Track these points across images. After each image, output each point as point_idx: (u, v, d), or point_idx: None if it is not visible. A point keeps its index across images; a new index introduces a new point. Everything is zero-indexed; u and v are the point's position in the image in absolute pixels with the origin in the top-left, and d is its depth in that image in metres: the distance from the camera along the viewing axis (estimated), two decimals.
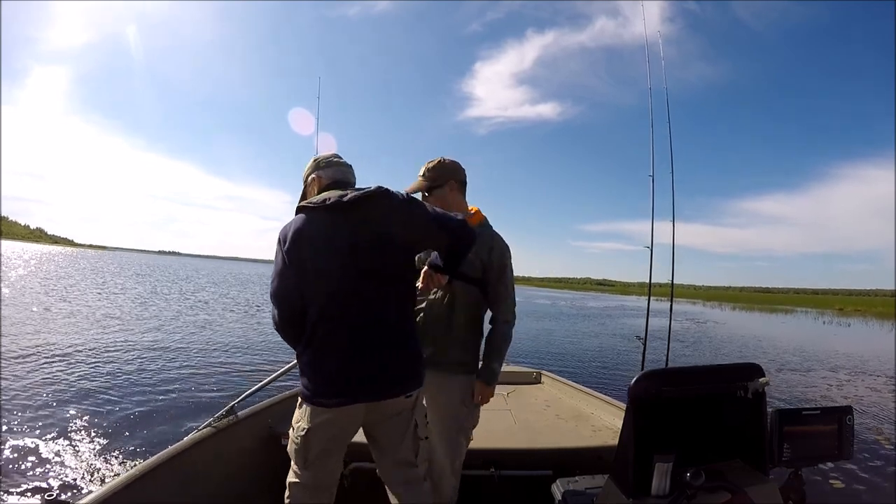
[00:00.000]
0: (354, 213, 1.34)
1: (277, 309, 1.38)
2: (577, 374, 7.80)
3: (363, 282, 1.35)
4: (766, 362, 9.68)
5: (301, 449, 1.37)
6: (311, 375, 1.36)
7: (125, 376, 5.61)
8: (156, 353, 7.04)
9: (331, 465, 1.42)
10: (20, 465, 3.15)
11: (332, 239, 1.33)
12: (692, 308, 42.14)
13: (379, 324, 1.36)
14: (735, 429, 1.20)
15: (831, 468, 3.78)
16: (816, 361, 11.46)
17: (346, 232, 1.33)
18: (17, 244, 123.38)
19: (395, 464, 1.47)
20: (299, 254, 1.33)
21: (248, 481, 2.00)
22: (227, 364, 6.61)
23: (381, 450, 1.48)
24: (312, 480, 1.39)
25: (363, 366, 1.34)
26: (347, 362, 1.33)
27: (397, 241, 1.39)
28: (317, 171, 1.49)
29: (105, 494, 1.36)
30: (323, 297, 1.34)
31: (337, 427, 1.37)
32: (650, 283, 3.79)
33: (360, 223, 1.34)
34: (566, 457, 2.15)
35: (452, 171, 1.79)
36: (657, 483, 1.05)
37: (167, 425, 4.10)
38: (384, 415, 1.42)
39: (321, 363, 1.35)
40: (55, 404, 4.38)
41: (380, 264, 1.36)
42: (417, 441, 1.48)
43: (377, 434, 1.47)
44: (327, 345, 1.34)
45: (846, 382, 8.65)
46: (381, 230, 1.35)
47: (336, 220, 1.34)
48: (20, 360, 5.89)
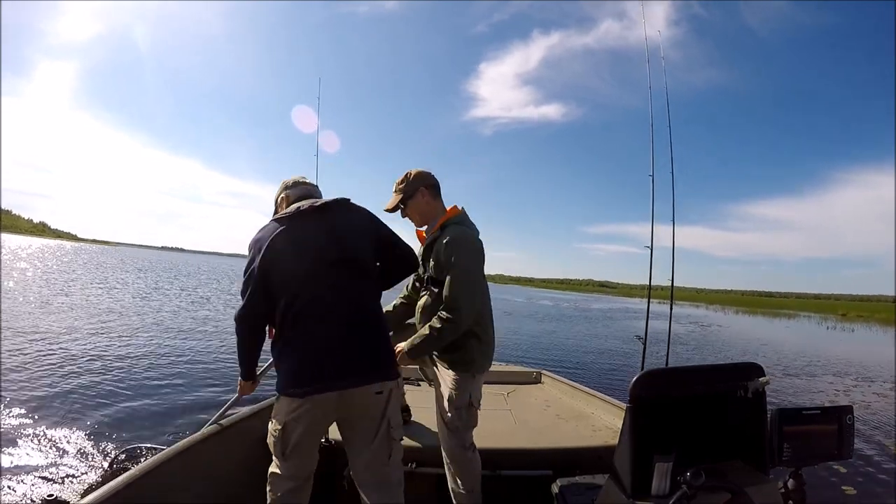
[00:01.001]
0: (322, 215, 1.52)
1: (247, 307, 1.47)
2: (578, 374, 7.80)
3: (331, 278, 1.45)
4: (770, 365, 9.68)
5: (279, 441, 1.44)
6: (283, 368, 1.44)
7: (125, 374, 5.61)
8: (156, 351, 7.05)
9: (307, 456, 1.49)
10: (20, 466, 3.14)
11: (303, 240, 1.47)
12: (695, 311, 42.05)
13: (346, 316, 1.44)
14: (735, 428, 1.20)
15: (831, 468, 3.78)
16: (820, 366, 11.42)
17: (315, 233, 1.48)
18: (19, 238, 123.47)
19: (367, 464, 1.48)
20: (272, 254, 1.44)
21: (247, 482, 2.01)
22: (227, 362, 6.63)
23: (354, 449, 1.50)
24: (291, 471, 1.47)
25: (330, 355, 1.40)
26: (315, 353, 1.41)
27: (361, 242, 1.54)
28: (285, 191, 1.65)
29: (105, 494, 1.35)
30: (292, 293, 1.43)
31: (310, 418, 1.42)
32: (650, 283, 3.80)
33: (327, 224, 1.51)
34: (566, 457, 2.14)
35: (420, 179, 1.89)
36: (657, 483, 1.05)
37: (168, 424, 4.10)
38: (356, 411, 1.45)
39: (291, 355, 1.43)
40: (56, 403, 4.36)
41: (346, 261, 1.48)
42: (390, 442, 1.48)
43: (350, 432, 1.49)
44: (297, 337, 1.42)
45: (853, 388, 8.60)
46: (346, 231, 1.52)
47: (305, 224, 1.50)
48: (18, 356, 5.90)
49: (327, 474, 1.94)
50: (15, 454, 3.28)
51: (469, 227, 1.87)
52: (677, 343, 14.29)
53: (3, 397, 4.31)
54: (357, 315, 1.46)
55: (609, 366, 9.37)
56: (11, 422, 3.84)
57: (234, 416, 2.07)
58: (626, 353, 11.07)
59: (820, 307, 71.79)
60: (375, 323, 1.52)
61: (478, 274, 1.79)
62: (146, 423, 4.07)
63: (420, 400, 2.60)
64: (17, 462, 3.18)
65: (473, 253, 1.78)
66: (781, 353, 13.69)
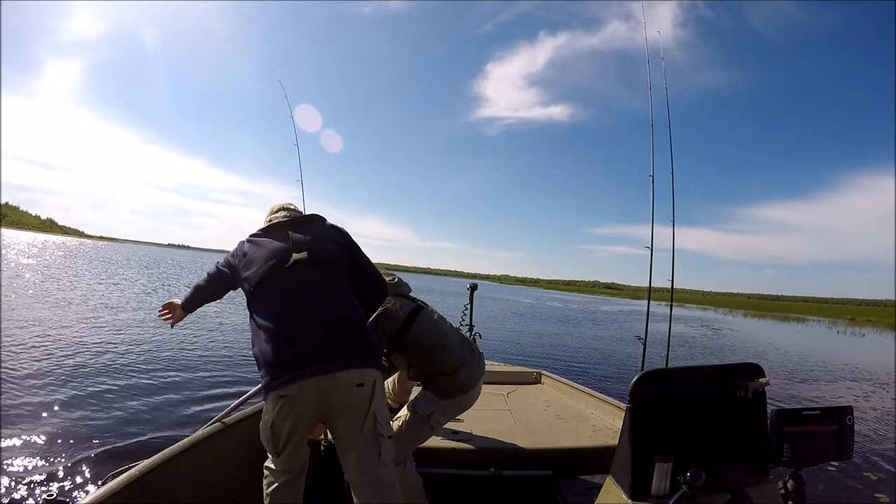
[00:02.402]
0: (296, 226, 1.68)
1: (221, 264, 1.71)
2: (578, 374, 7.79)
3: (303, 276, 1.55)
4: (790, 370, 9.59)
5: (270, 440, 1.51)
6: (263, 368, 1.47)
7: (128, 372, 5.63)
8: (161, 349, 7.04)
9: (297, 449, 1.55)
10: (20, 465, 3.13)
11: (274, 245, 1.60)
12: (704, 314, 41.56)
13: (320, 311, 1.51)
14: (735, 429, 1.19)
15: (831, 468, 3.77)
16: (836, 370, 11.32)
17: (286, 239, 1.61)
18: (27, 234, 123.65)
19: (358, 463, 1.46)
20: (246, 254, 1.61)
21: (250, 479, 2.01)
22: (232, 360, 6.60)
23: (342, 448, 1.49)
24: (285, 465, 1.56)
25: (303, 346, 1.44)
26: (290, 345, 1.45)
27: (333, 247, 1.66)
28: (271, 215, 1.80)
29: (105, 494, 1.35)
30: (265, 292, 1.53)
31: (295, 412, 1.46)
32: (650, 283, 3.82)
33: (301, 231, 1.65)
34: (566, 457, 2.14)
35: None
36: (657, 483, 1.05)
37: (170, 422, 4.11)
38: (338, 404, 1.45)
39: (267, 353, 1.46)
40: (56, 403, 4.36)
41: (319, 263, 1.59)
42: (378, 438, 1.47)
43: (336, 430, 1.50)
44: (271, 335, 1.47)
45: (871, 394, 8.52)
46: (318, 237, 1.66)
47: (279, 233, 1.65)
48: (20, 353, 5.91)
49: (327, 475, 1.94)
50: (15, 454, 3.27)
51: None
52: (690, 346, 14.28)
53: (3, 396, 4.32)
54: (332, 309, 1.51)
55: (609, 366, 9.36)
56: (11, 422, 3.83)
57: (237, 414, 2.08)
58: (625, 352, 11.07)
59: (828, 311, 71.20)
60: (352, 316, 1.55)
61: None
62: (147, 422, 4.07)
63: None
64: (17, 462, 3.17)
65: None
66: (800, 357, 13.58)
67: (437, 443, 2.16)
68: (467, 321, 3.56)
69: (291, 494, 1.59)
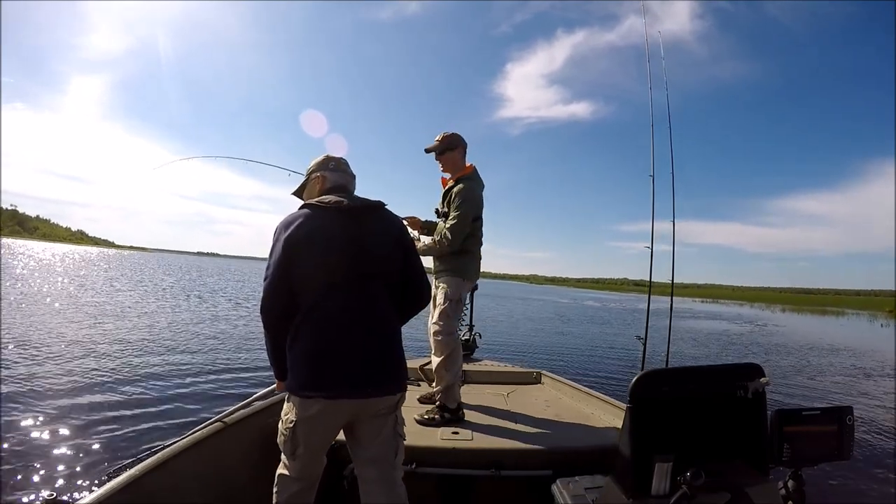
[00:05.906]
0: (362, 219, 1.49)
1: (272, 298, 1.43)
2: (578, 373, 7.78)
3: (361, 282, 1.44)
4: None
5: (289, 441, 1.42)
6: (299, 368, 1.40)
7: (127, 372, 5.64)
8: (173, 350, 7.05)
9: (316, 458, 1.48)
10: (20, 465, 3.13)
11: (340, 238, 1.43)
12: (741, 310, 39.37)
13: (370, 325, 1.43)
14: (735, 429, 1.19)
15: (832, 468, 3.77)
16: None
17: (354, 234, 1.45)
18: (60, 246, 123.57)
19: (371, 460, 1.47)
20: (305, 246, 1.40)
21: (254, 477, 2.01)
22: (243, 360, 6.59)
23: (359, 444, 1.49)
24: (299, 472, 1.46)
25: (350, 364, 1.38)
26: (335, 358, 1.38)
27: (392, 252, 1.52)
28: (322, 171, 1.60)
29: (105, 494, 1.35)
30: (319, 291, 1.40)
31: (322, 421, 1.40)
32: (650, 282, 3.86)
33: (366, 229, 1.48)
34: (566, 457, 2.14)
35: (461, 140, 2.57)
36: (657, 483, 1.05)
37: (171, 421, 4.11)
38: (368, 413, 1.44)
39: (309, 356, 1.39)
40: (57, 403, 4.36)
41: (378, 269, 1.48)
42: (397, 438, 1.49)
43: (357, 429, 1.48)
44: (317, 340, 1.39)
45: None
46: (377, 241, 1.49)
47: (345, 222, 1.45)
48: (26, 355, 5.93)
49: (328, 474, 1.94)
50: (14, 454, 3.27)
51: (476, 182, 2.54)
52: (744, 346, 13.92)
53: (4, 397, 4.31)
54: (378, 325, 1.46)
55: (609, 366, 9.35)
56: (12, 421, 3.83)
57: (240, 412, 2.08)
58: (625, 352, 11.05)
59: (865, 304, 69.15)
60: (392, 334, 1.51)
61: (468, 220, 2.43)
62: (148, 422, 4.06)
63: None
64: (17, 462, 3.16)
65: (470, 203, 2.43)
66: (871, 357, 13.20)
67: (437, 443, 2.15)
68: (467, 321, 3.55)
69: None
